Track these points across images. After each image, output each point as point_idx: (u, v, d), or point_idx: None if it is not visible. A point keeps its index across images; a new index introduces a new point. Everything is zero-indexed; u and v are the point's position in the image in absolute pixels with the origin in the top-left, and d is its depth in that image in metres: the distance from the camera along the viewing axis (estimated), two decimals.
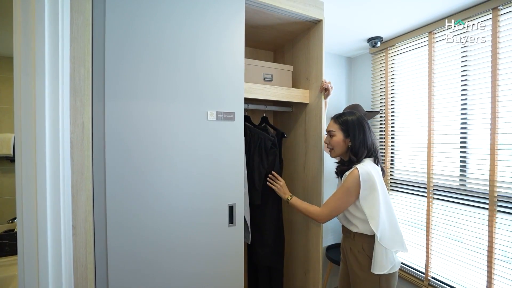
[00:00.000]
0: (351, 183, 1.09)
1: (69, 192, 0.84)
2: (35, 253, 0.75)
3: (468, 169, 1.50)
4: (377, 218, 1.07)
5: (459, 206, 1.53)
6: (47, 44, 0.75)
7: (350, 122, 1.17)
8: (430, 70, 1.65)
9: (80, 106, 0.89)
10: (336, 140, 1.19)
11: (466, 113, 1.50)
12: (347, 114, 1.20)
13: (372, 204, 1.08)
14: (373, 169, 1.11)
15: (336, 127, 1.20)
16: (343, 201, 1.12)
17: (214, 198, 1.11)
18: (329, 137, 1.22)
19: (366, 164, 1.12)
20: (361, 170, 1.09)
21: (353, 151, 1.16)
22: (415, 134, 1.78)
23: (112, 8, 0.93)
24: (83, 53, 0.88)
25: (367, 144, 1.16)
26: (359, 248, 1.16)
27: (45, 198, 0.76)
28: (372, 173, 1.09)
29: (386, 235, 1.09)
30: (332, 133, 1.21)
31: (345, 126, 1.18)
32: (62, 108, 0.79)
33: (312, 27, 1.44)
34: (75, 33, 0.87)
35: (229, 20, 1.12)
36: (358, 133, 1.15)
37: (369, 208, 1.08)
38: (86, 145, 0.90)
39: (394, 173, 1.93)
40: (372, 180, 1.08)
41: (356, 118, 1.18)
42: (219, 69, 1.10)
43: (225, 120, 1.12)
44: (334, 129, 1.20)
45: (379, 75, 2.01)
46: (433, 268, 1.65)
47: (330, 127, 1.22)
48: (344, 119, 1.19)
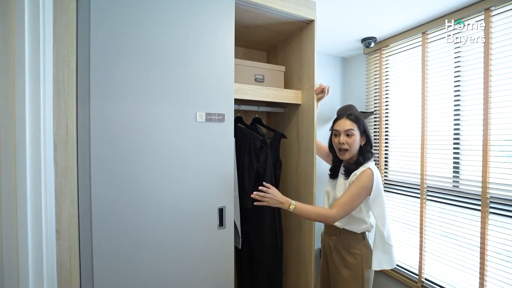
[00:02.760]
0: (367, 182, 1.11)
1: (52, 196, 0.82)
2: (15, 257, 0.74)
3: (461, 171, 1.50)
4: (385, 218, 1.14)
5: (452, 207, 1.52)
6: (27, 45, 0.74)
7: (361, 119, 1.20)
8: (424, 71, 1.64)
9: (64, 108, 0.87)
10: (355, 139, 1.18)
11: (459, 114, 1.50)
12: (354, 111, 1.27)
13: (381, 204, 1.15)
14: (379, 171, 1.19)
15: (354, 126, 1.19)
16: (357, 200, 1.13)
17: (204, 200, 1.10)
18: (345, 137, 1.19)
19: (373, 165, 1.17)
20: (374, 171, 1.14)
21: (368, 149, 1.20)
22: (408, 135, 1.77)
23: (97, 7, 0.92)
24: (67, 53, 0.87)
25: (372, 143, 1.22)
26: (344, 245, 1.17)
27: (26, 202, 0.74)
28: (379, 174, 1.16)
29: (390, 233, 1.17)
30: (351, 132, 1.18)
31: (361, 124, 1.19)
32: (43, 109, 0.78)
33: (305, 27, 1.43)
34: (58, 33, 0.85)
35: (220, 21, 1.12)
36: (368, 130, 1.20)
37: (378, 208, 1.14)
38: (70, 147, 0.88)
39: (388, 174, 1.92)
40: (380, 182, 1.16)
41: (360, 114, 1.23)
42: (209, 69, 1.10)
43: (215, 121, 1.11)
44: (353, 128, 1.18)
45: (373, 75, 2.01)
46: (427, 270, 1.65)
47: (348, 126, 1.19)
48: (356, 116, 1.20)
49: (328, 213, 1.13)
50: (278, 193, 1.12)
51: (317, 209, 1.15)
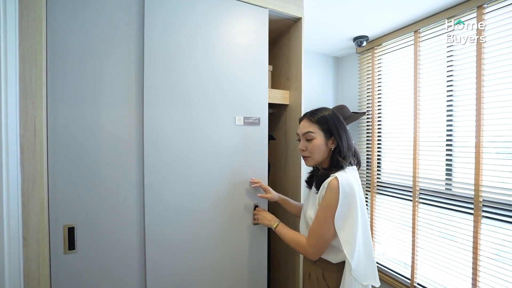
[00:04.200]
0: (330, 199, 0.84)
1: (16, 201, 0.78)
2: None
3: (454, 173, 1.46)
4: (353, 244, 0.82)
5: (445, 210, 1.48)
6: None
7: (330, 118, 0.92)
8: (416, 70, 1.60)
9: (31, 109, 0.82)
10: (316, 144, 0.91)
11: (452, 114, 1.46)
12: (322, 110, 0.94)
13: (349, 225, 0.83)
14: (355, 180, 0.88)
15: (314, 127, 0.92)
16: (328, 225, 0.84)
17: (241, 198, 1.17)
18: (305, 142, 0.94)
19: (349, 172, 0.88)
20: (341, 180, 0.83)
21: (341, 154, 0.91)
22: (401, 136, 1.73)
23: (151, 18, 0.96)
24: (35, 51, 0.82)
25: (351, 147, 0.94)
26: (318, 275, 0.92)
27: None
28: (354, 185, 0.85)
29: (361, 266, 0.85)
30: (309, 135, 0.92)
31: (325, 124, 0.91)
32: (5, 110, 0.73)
33: (292, 26, 1.39)
34: (24, 30, 0.81)
35: (255, 30, 1.18)
36: (342, 131, 0.92)
37: (345, 231, 0.83)
38: (38, 150, 0.83)
39: (381, 176, 1.88)
40: (352, 194, 0.84)
41: (333, 113, 0.94)
42: (246, 76, 1.16)
43: (251, 124, 1.18)
44: (313, 130, 0.92)
45: (366, 75, 1.97)
46: (419, 274, 1.61)
47: (306, 128, 0.93)
48: (321, 116, 0.92)
49: (301, 240, 0.92)
50: (268, 214, 1.11)
51: (296, 236, 0.95)
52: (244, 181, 1.17)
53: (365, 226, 0.89)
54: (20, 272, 0.79)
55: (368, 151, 1.95)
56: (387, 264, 1.81)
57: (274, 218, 1.08)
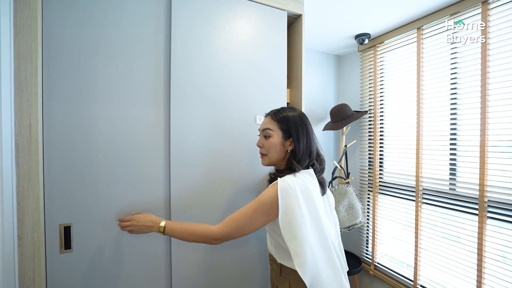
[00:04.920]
0: (267, 199, 0.79)
1: (11, 200, 0.77)
2: None
3: (458, 173, 1.43)
4: (303, 257, 0.75)
5: (449, 211, 1.45)
6: None
7: (292, 119, 0.89)
8: (419, 68, 1.57)
9: (26, 107, 0.81)
10: (273, 142, 0.89)
11: (456, 113, 1.43)
12: (287, 110, 0.92)
13: (293, 235, 0.76)
14: (304, 185, 0.81)
15: (274, 125, 0.90)
16: (252, 219, 0.80)
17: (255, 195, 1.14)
18: (263, 138, 0.92)
19: (301, 176, 0.83)
20: (281, 185, 0.78)
21: (296, 157, 0.87)
22: (403, 135, 1.70)
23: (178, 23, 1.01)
24: (30, 48, 0.81)
25: (311, 150, 0.89)
26: (285, 287, 0.87)
27: None
28: (299, 191, 0.78)
29: (322, 283, 0.77)
30: (268, 132, 0.90)
31: (286, 124, 0.89)
32: None
33: (293, 23, 1.37)
34: (19, 27, 0.80)
35: (275, 32, 1.22)
36: (302, 134, 0.88)
37: (291, 241, 0.76)
38: (34, 148, 0.82)
39: (383, 175, 1.85)
40: (294, 200, 0.77)
41: (298, 115, 0.91)
42: (267, 76, 1.20)
43: None
44: (272, 127, 0.90)
45: (368, 73, 1.94)
46: (422, 276, 1.58)
47: (266, 124, 0.91)
48: (284, 115, 0.90)
49: (208, 230, 0.83)
50: (144, 217, 0.88)
51: (195, 227, 0.85)
52: (264, 175, 1.20)
53: (323, 239, 0.81)
54: (15, 272, 0.78)
55: (370, 151, 1.93)
56: (390, 265, 1.78)
57: (156, 220, 0.87)
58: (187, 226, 0.86)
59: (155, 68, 1.01)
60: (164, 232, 0.85)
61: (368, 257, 1.94)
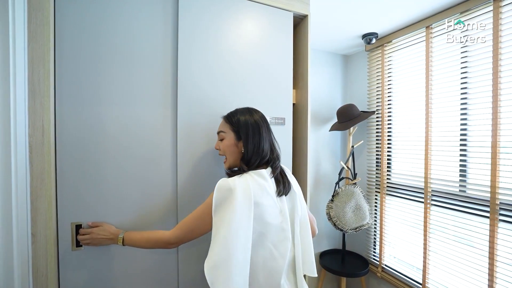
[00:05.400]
0: (210, 199, 0.80)
1: (24, 198, 0.80)
2: None
3: (468, 174, 1.39)
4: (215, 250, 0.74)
5: (459, 213, 1.42)
6: None
7: (243, 122, 0.90)
8: (428, 67, 1.55)
9: (40, 109, 0.85)
10: (225, 144, 0.91)
11: (466, 113, 1.39)
12: (240, 113, 0.93)
13: (219, 230, 0.75)
14: (248, 185, 0.79)
15: (227, 127, 0.92)
16: (199, 221, 0.82)
17: None
18: (219, 141, 0.95)
19: (247, 176, 0.83)
20: (219, 183, 0.79)
21: (245, 158, 0.88)
22: (412, 136, 1.68)
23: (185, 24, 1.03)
24: (43, 53, 0.84)
25: (262, 150, 0.88)
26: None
27: None
28: (238, 189, 0.77)
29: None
30: (221, 135, 0.93)
31: (236, 126, 0.91)
32: (14, 110, 0.76)
33: (299, 23, 1.37)
34: (33, 32, 0.83)
35: (281, 33, 1.23)
36: (252, 135, 0.89)
37: (215, 235, 0.76)
38: (46, 149, 0.86)
39: (391, 176, 1.83)
40: (227, 197, 0.77)
41: (251, 117, 0.91)
42: (274, 78, 1.21)
43: (277, 124, 1.21)
44: (225, 129, 0.93)
45: (375, 73, 1.92)
46: (431, 279, 1.55)
47: (220, 127, 0.95)
48: (236, 117, 0.92)
49: (161, 235, 0.86)
50: (104, 230, 0.89)
51: (150, 234, 0.88)
52: None
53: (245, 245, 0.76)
54: (29, 268, 0.81)
55: (378, 151, 1.90)
56: (398, 268, 1.76)
57: (115, 232, 0.90)
58: (143, 234, 0.89)
59: (163, 69, 1.03)
60: (123, 243, 0.88)
61: (376, 259, 1.92)
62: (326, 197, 2.07)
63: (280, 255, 0.82)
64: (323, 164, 2.10)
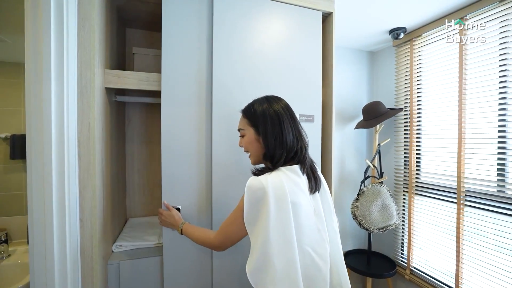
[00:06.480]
0: (242, 199, 0.77)
1: (74, 187, 0.90)
2: (43, 244, 0.82)
3: (507, 173, 1.31)
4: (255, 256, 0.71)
5: (496, 215, 1.34)
6: (53, 51, 0.82)
7: (260, 113, 0.82)
8: (461, 61, 1.47)
9: (86, 108, 0.94)
10: (247, 140, 0.85)
11: (506, 108, 1.31)
12: (258, 103, 0.84)
13: (257, 233, 0.72)
14: (281, 182, 0.74)
15: (244, 122, 0.86)
16: (235, 225, 0.78)
17: None
18: (241, 138, 0.89)
19: (279, 173, 0.76)
20: (249, 182, 0.74)
21: (267, 154, 0.80)
22: (443, 134, 1.60)
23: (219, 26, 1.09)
24: (89, 58, 0.94)
25: (285, 142, 0.79)
26: None
27: (51, 193, 0.82)
28: (269, 188, 0.71)
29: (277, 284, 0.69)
30: (241, 131, 0.87)
31: (254, 120, 0.83)
32: (67, 109, 0.85)
33: (323, 21, 1.37)
34: (81, 39, 0.93)
35: (310, 33, 1.25)
36: (271, 126, 0.79)
37: (254, 239, 0.73)
38: (91, 144, 0.95)
39: (420, 175, 1.76)
40: (262, 197, 0.71)
41: (270, 107, 0.82)
42: (303, 75, 1.23)
43: (307, 121, 1.23)
44: (243, 126, 0.86)
45: (403, 69, 1.85)
46: (465, 285, 1.47)
47: (239, 124, 0.89)
48: (252, 110, 0.84)
49: (207, 238, 0.87)
50: (172, 216, 0.98)
51: (201, 233, 0.90)
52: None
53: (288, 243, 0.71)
54: (77, 250, 0.91)
55: (406, 149, 1.84)
56: (427, 271, 1.68)
57: (178, 221, 0.98)
58: (195, 232, 0.92)
59: (197, 70, 1.08)
60: (183, 233, 0.95)
61: (404, 261, 1.85)
62: (351, 195, 2.03)
63: (320, 258, 0.76)
64: (347, 163, 2.07)
